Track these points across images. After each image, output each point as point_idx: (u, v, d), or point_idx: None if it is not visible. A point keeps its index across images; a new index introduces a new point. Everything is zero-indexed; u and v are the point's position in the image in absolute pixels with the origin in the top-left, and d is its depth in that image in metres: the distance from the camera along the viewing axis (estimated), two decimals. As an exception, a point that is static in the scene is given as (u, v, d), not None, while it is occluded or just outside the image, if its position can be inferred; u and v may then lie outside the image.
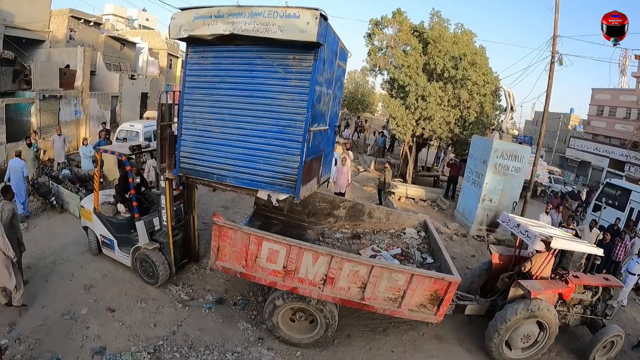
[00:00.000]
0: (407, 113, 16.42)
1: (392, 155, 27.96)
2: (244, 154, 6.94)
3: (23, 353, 6.36)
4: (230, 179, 7.14)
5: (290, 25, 5.86)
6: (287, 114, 6.56)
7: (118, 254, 8.91)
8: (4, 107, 15.04)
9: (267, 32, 5.99)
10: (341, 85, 8.51)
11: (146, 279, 8.61)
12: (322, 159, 8.08)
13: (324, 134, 7.78)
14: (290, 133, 6.58)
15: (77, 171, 13.26)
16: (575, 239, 8.98)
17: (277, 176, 6.78)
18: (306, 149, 6.55)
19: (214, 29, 6.34)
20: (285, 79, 6.48)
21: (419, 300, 6.97)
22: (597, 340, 8.02)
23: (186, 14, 6.61)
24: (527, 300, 7.42)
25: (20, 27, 20.15)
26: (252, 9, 6.14)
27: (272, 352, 7.37)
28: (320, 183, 8.41)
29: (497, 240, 13.85)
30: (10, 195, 7.85)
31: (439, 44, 16.42)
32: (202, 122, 7.18)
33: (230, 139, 6.99)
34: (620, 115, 40.95)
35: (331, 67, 7.19)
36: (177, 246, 8.83)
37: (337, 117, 8.78)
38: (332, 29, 6.65)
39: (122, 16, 50.67)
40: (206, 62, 7.04)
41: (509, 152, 13.73)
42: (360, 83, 42.98)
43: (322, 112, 7.22)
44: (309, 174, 7.22)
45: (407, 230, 9.67)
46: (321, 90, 6.75)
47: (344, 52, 7.92)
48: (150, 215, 8.72)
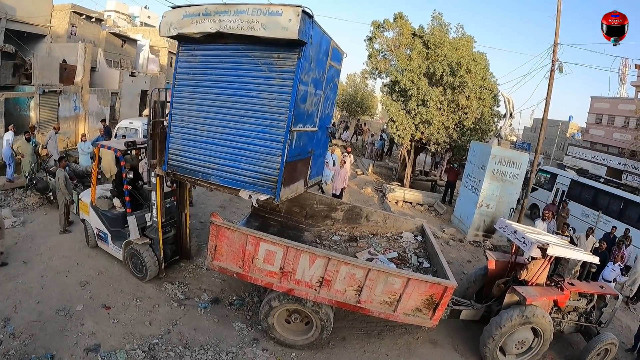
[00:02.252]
0: (408, 118, 16.45)
1: (390, 159, 27.97)
2: (228, 153, 6.97)
3: (17, 348, 6.36)
4: (214, 177, 7.17)
5: (273, 22, 5.86)
6: (270, 114, 6.55)
7: (111, 247, 9.02)
8: (4, 101, 15.03)
9: (250, 29, 6.01)
10: (334, 87, 8.43)
11: (136, 274, 8.72)
12: (310, 161, 8.00)
13: (312, 135, 7.72)
14: (272, 133, 6.57)
15: (75, 167, 13.22)
16: (571, 246, 9.00)
17: (258, 176, 6.77)
18: (288, 150, 6.54)
19: (202, 27, 6.40)
20: (269, 77, 6.48)
21: (415, 304, 6.98)
22: (591, 347, 8.04)
23: (176, 12, 6.68)
24: (522, 306, 7.44)
25: (21, 21, 20.12)
26: (238, 6, 6.16)
27: (267, 353, 7.37)
28: (309, 185, 8.37)
29: (493, 246, 13.86)
30: (63, 164, 10.36)
31: (439, 49, 16.47)
32: (190, 119, 7.25)
33: (216, 137, 7.04)
34: (619, 124, 41.13)
35: (320, 67, 7.15)
36: (168, 243, 8.95)
37: (330, 119, 8.73)
38: (321, 28, 6.64)
39: (124, 13, 50.72)
40: (195, 60, 7.11)
41: (507, 159, 13.76)
42: (360, 86, 42.98)
43: (309, 112, 7.18)
44: (293, 175, 7.21)
45: (404, 234, 9.69)
46: (307, 90, 6.72)
47: (337, 53, 7.89)
48: (143, 210, 8.77)
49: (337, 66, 8.10)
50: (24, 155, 12.41)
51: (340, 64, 8.29)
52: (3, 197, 11.78)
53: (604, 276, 10.83)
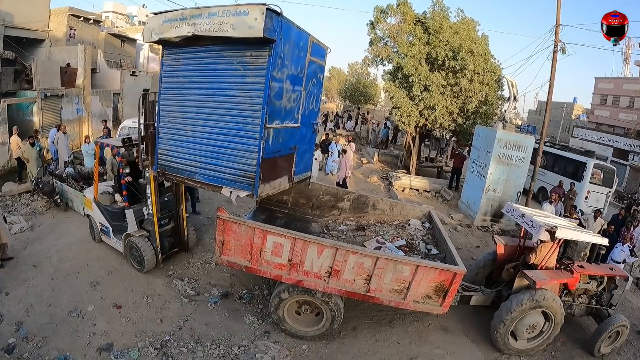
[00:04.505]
0: (412, 104, 16.37)
1: (395, 146, 27.85)
2: (210, 151, 7.17)
3: (31, 352, 6.41)
4: (199, 176, 7.38)
5: (240, 22, 5.97)
6: (245, 111, 6.71)
7: (113, 240, 9.30)
8: (6, 108, 15.07)
9: (221, 30, 6.14)
10: (319, 82, 8.44)
11: (134, 265, 8.95)
12: (294, 157, 8.05)
13: (294, 132, 7.77)
14: (248, 130, 6.72)
15: (80, 169, 13.28)
16: (580, 228, 8.94)
17: (237, 173, 6.90)
18: (264, 146, 6.65)
19: (180, 31, 6.58)
20: (244, 76, 6.64)
21: (425, 291, 6.97)
22: (602, 330, 7.99)
23: (156, 18, 6.93)
24: (533, 290, 7.40)
25: (20, 27, 20.17)
26: (210, 9, 6.33)
27: (279, 345, 7.40)
28: (296, 182, 8.39)
29: (501, 231, 13.81)
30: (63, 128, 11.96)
31: (439, 34, 16.33)
32: (175, 120, 7.52)
33: (198, 137, 7.27)
34: (624, 104, 40.62)
35: (297, 63, 7.21)
36: (166, 235, 9.16)
37: (316, 114, 8.77)
38: (294, 24, 6.71)
39: (122, 13, 50.68)
40: (178, 64, 7.37)
41: (512, 142, 13.65)
42: (362, 75, 42.83)
43: (288, 108, 7.26)
44: (273, 171, 7.29)
45: (411, 221, 9.67)
46: (281, 87, 6.80)
47: (319, 48, 7.92)
48: (141, 204, 8.97)
49: (319, 61, 8.11)
50: (29, 160, 12.45)
51: (323, 60, 8.30)
52: (10, 203, 11.84)
53: (613, 257, 10.77)
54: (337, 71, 60.51)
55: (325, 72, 8.89)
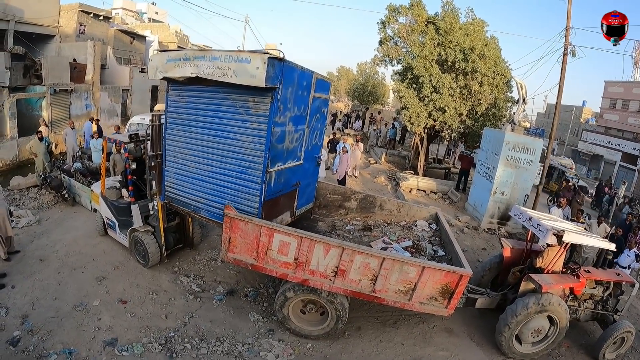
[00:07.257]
0: (421, 105, 16.32)
1: (403, 147, 27.77)
2: (214, 190, 7.39)
3: (36, 345, 6.43)
4: (204, 212, 7.61)
5: (242, 69, 6.02)
6: (248, 155, 6.87)
7: (119, 234, 9.41)
8: (15, 102, 15.18)
9: (223, 76, 6.20)
10: (322, 116, 8.54)
11: (139, 260, 9.02)
12: (296, 193, 8.19)
13: (297, 169, 7.88)
14: (250, 174, 6.92)
15: (88, 164, 13.35)
16: (587, 233, 8.87)
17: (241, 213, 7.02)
18: (266, 190, 6.84)
19: (183, 71, 6.66)
20: (246, 120, 6.75)
21: (430, 293, 6.94)
22: (607, 335, 7.92)
23: (160, 57, 7.07)
24: (538, 294, 7.35)
25: (30, 23, 20.30)
26: (212, 53, 6.44)
27: (283, 343, 7.40)
28: (298, 215, 8.56)
29: (508, 234, 13.74)
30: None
31: (450, 36, 16.26)
32: (181, 155, 7.76)
33: (203, 174, 7.47)
34: (634, 109, 40.30)
35: (301, 103, 7.30)
36: (170, 231, 9.23)
37: (319, 148, 8.88)
38: (297, 66, 6.77)
39: (132, 10, 50.91)
40: (182, 100, 7.49)
41: (521, 145, 13.57)
42: (370, 75, 42.70)
43: (290, 149, 7.38)
44: (275, 210, 7.47)
45: (418, 222, 9.64)
46: (284, 130, 6.90)
47: (323, 83, 8.00)
48: (146, 200, 9.02)
49: (323, 96, 8.21)
50: (37, 154, 12.53)
51: (327, 93, 8.39)
52: (18, 197, 11.92)
53: (618, 262, 10.68)
54: (346, 71, 60.41)
55: (329, 98, 8.92)
